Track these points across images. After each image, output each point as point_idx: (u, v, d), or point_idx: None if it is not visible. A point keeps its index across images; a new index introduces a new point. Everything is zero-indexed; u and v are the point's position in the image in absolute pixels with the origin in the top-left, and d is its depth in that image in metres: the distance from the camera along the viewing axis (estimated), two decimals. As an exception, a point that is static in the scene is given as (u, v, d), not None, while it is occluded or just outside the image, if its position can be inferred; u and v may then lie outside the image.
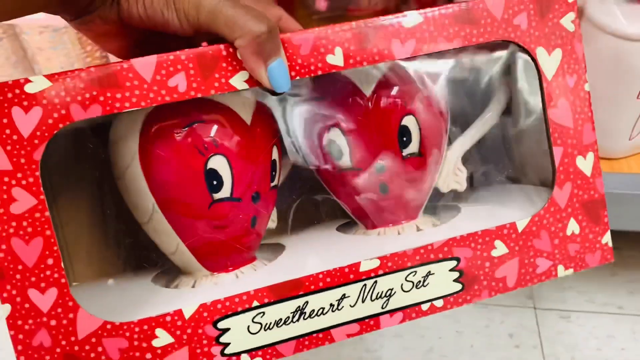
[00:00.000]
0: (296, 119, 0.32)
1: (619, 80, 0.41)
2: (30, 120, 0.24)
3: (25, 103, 0.24)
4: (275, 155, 0.31)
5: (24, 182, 0.24)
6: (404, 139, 0.31)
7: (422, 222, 0.33)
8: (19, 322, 0.25)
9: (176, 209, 0.28)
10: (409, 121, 0.31)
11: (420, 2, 0.57)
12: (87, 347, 0.25)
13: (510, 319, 0.52)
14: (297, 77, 0.26)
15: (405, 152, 0.31)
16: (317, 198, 0.34)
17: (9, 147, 0.24)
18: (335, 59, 0.27)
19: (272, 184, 0.31)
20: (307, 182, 0.34)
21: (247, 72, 0.26)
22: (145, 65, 0.25)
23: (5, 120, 0.24)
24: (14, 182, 0.24)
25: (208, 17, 0.24)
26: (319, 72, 0.26)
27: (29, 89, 0.24)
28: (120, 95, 0.25)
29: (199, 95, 0.25)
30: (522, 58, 0.32)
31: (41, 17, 0.44)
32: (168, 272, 0.32)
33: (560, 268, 0.31)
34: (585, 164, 0.30)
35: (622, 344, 0.49)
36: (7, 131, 0.24)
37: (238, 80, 0.26)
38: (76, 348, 0.25)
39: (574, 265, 0.31)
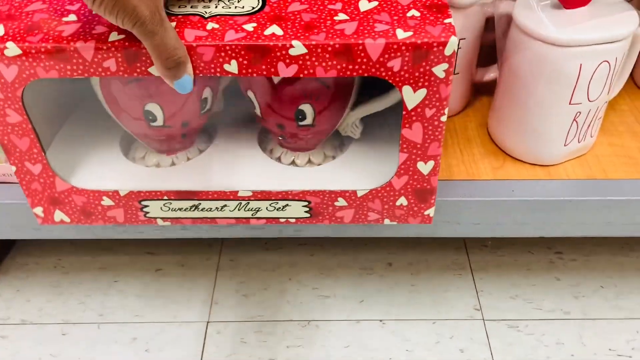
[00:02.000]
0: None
1: (551, 86, 0.42)
2: (12, 72, 0.35)
3: (5, 62, 0.34)
4: (207, 94, 0.40)
5: (13, 106, 0.36)
6: (300, 117, 0.40)
7: (315, 153, 0.44)
8: (22, 176, 0.40)
9: (128, 125, 0.41)
10: (306, 107, 0.39)
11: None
12: (62, 197, 0.42)
13: (459, 332, 0.54)
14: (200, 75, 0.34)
15: (301, 124, 0.40)
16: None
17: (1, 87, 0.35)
18: (231, 67, 0.34)
19: (203, 112, 0.41)
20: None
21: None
22: (86, 48, 0.34)
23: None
24: (7, 105, 0.36)
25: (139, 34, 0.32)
26: (217, 75, 0.34)
27: (7, 52, 0.34)
28: (70, 67, 0.34)
29: (125, 76, 0.35)
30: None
31: None
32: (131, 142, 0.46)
33: (387, 220, 0.43)
34: (424, 167, 0.39)
35: (571, 350, 0.52)
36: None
37: (154, 70, 0.34)
38: (56, 195, 0.42)
39: (397, 220, 0.43)
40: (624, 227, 0.47)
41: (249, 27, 0.34)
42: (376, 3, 0.36)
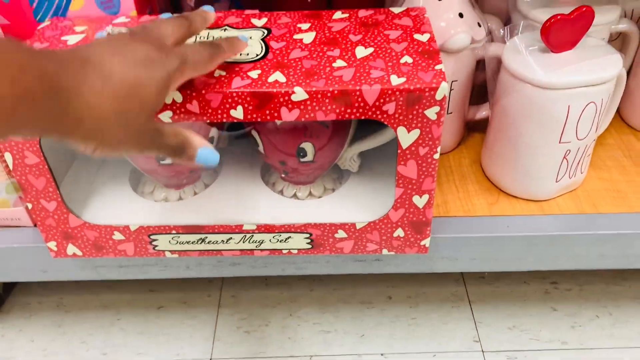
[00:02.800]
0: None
1: (541, 126, 0.44)
2: None
3: None
4: (213, 133, 0.43)
5: (31, 149, 0.39)
6: (301, 154, 0.42)
7: (315, 186, 0.47)
8: (37, 212, 0.43)
9: (137, 163, 0.43)
10: (307, 145, 0.41)
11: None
12: (75, 232, 0.44)
13: (460, 365, 0.54)
14: (208, 121, 0.37)
15: (302, 160, 0.42)
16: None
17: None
18: (237, 113, 0.37)
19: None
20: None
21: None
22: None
23: None
24: (25, 148, 0.39)
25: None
26: (224, 120, 0.37)
27: None
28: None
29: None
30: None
31: None
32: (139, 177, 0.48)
33: (385, 250, 0.45)
34: (420, 200, 0.41)
35: (569, 380, 0.52)
36: None
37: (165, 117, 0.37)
38: (69, 230, 0.44)
39: (395, 250, 0.45)
40: (616, 259, 0.48)
41: (254, 74, 0.37)
42: (372, 50, 0.39)
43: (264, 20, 0.43)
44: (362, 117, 0.37)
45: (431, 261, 0.48)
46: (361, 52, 0.39)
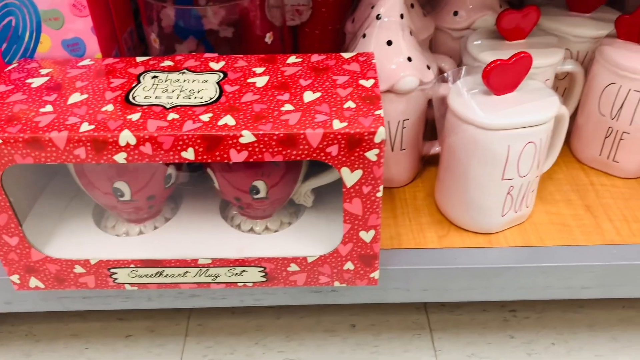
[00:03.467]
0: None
1: (484, 164, 0.46)
2: (-7, 157, 0.39)
3: (-12, 148, 0.39)
4: (170, 170, 0.45)
5: (-7, 186, 0.41)
6: (254, 191, 0.44)
7: (272, 220, 0.48)
8: (0, 248, 0.44)
9: (98, 199, 0.45)
10: (259, 183, 0.43)
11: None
12: (37, 265, 0.45)
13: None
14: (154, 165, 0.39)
15: (255, 197, 0.44)
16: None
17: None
18: (188, 154, 0.39)
19: (167, 186, 0.46)
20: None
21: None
22: (60, 138, 0.38)
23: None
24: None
25: None
26: (176, 161, 0.39)
27: (-10, 140, 0.38)
28: (44, 154, 0.39)
29: (93, 162, 0.39)
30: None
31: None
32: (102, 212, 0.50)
33: (336, 283, 0.46)
34: (366, 235, 0.43)
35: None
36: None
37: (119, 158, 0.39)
38: (31, 264, 0.45)
39: (346, 283, 0.46)
40: (561, 290, 0.51)
41: (206, 117, 0.39)
42: (319, 94, 0.41)
43: (221, 63, 0.46)
44: (307, 159, 0.39)
45: (384, 292, 0.50)
46: (309, 96, 0.41)
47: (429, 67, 0.51)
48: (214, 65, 0.45)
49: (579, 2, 0.59)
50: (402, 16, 0.49)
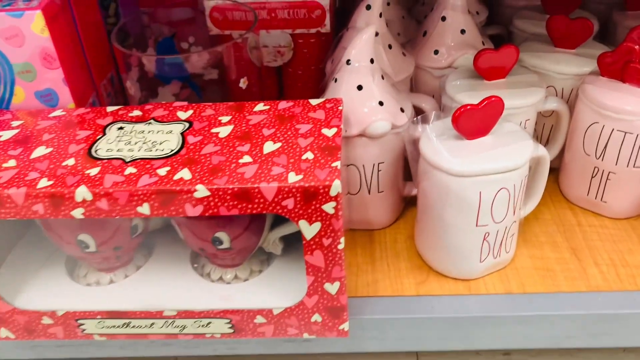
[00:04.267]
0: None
1: (457, 210, 0.45)
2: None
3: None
4: (136, 221, 0.45)
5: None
6: (217, 242, 0.43)
7: (241, 268, 0.48)
8: (-31, 298, 0.44)
9: (66, 250, 0.45)
10: (221, 235, 0.43)
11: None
12: (6, 316, 0.45)
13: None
14: (117, 217, 0.39)
15: (219, 247, 0.44)
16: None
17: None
18: (144, 209, 0.38)
19: (134, 237, 0.46)
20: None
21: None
22: (18, 195, 0.38)
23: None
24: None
25: None
26: (132, 216, 0.39)
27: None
28: (3, 210, 0.39)
29: (52, 218, 0.39)
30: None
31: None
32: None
33: (305, 334, 0.45)
34: (332, 287, 0.42)
35: None
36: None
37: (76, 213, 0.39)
38: (1, 315, 0.45)
39: (315, 334, 0.45)
40: (543, 340, 0.48)
41: (162, 171, 0.39)
42: (279, 145, 0.41)
43: (189, 112, 0.46)
44: (264, 212, 0.38)
45: (359, 340, 0.49)
46: (269, 147, 0.41)
47: (402, 110, 0.50)
48: (181, 115, 0.45)
49: (563, 37, 0.58)
50: (372, 61, 0.48)
